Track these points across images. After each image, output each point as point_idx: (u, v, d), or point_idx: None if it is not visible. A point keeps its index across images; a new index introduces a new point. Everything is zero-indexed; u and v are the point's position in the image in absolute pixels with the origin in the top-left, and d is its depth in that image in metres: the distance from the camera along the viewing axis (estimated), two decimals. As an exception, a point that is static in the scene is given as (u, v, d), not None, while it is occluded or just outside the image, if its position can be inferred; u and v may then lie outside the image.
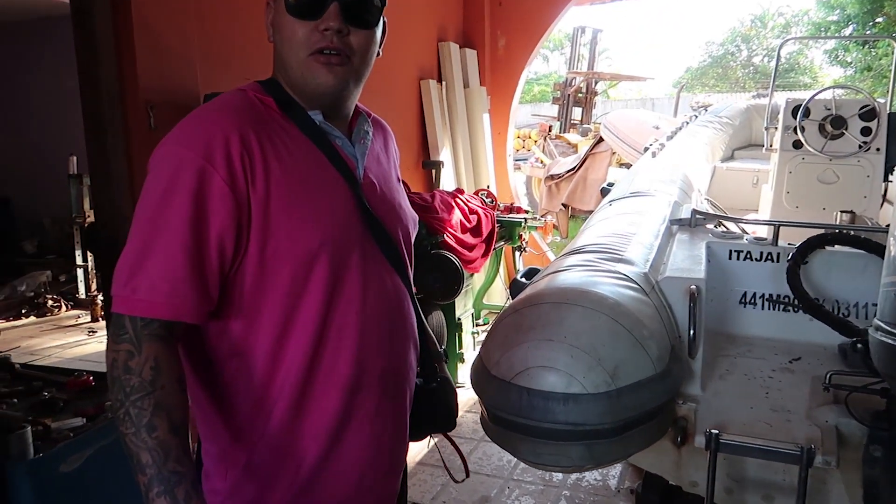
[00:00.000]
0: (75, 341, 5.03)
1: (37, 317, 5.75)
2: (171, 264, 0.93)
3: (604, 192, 3.13)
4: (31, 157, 7.23)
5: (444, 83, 5.15)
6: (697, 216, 2.15)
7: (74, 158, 5.75)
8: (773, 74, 4.00)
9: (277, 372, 1.03)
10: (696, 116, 5.11)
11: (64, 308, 5.93)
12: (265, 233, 0.99)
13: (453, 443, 1.44)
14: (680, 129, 4.68)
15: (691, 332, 1.54)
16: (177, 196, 0.94)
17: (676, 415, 1.53)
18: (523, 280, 1.82)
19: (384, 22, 1.13)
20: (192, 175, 0.94)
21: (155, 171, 0.97)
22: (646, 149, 4.18)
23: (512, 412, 1.37)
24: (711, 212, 3.12)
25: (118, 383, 0.91)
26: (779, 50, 4.25)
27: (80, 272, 5.99)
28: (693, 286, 1.58)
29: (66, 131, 6.65)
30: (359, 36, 1.07)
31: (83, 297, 5.94)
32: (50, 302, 5.90)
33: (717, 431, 1.35)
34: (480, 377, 1.46)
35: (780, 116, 3.45)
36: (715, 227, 2.26)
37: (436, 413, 1.32)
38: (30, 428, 1.28)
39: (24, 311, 5.75)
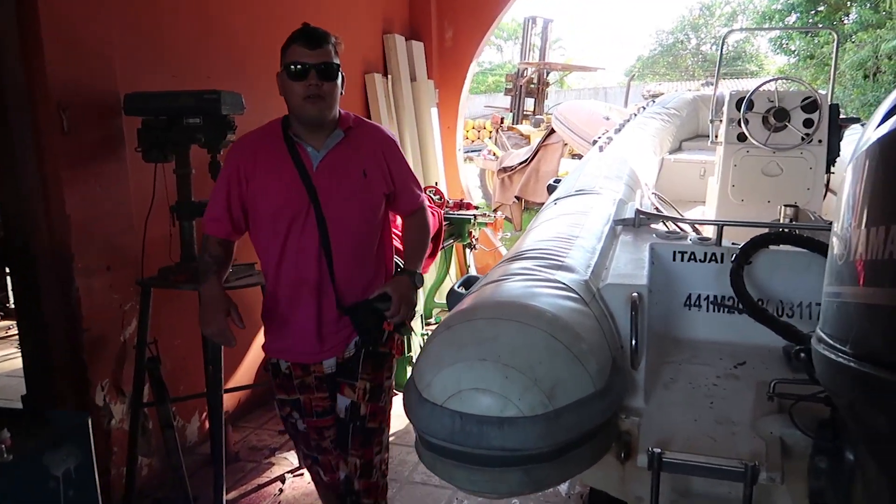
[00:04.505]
0: (4, 355, 4.76)
1: (-34, 329, 5.43)
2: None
3: (550, 189, 3.06)
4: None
5: (389, 77, 5.02)
6: (640, 216, 2.09)
7: None
8: (717, 66, 4.00)
9: (268, 266, 1.97)
10: (644, 108, 5.10)
11: (-3, 318, 5.62)
12: (254, 197, 1.90)
13: None
14: (628, 120, 4.66)
15: (633, 342, 1.48)
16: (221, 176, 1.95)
17: (620, 429, 1.47)
18: (461, 290, 1.73)
19: (342, 75, 1.89)
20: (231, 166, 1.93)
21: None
22: (594, 142, 4.14)
23: (445, 438, 1.29)
24: (658, 206, 3.08)
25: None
26: (722, 42, 4.25)
27: (9, 279, 5.67)
28: (635, 294, 1.51)
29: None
30: (328, 86, 1.83)
31: (13, 306, 5.64)
32: (-23, 313, 5.58)
33: (659, 450, 1.28)
34: (412, 400, 1.37)
35: (725, 109, 3.43)
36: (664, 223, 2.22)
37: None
38: None
39: (-51, 324, 5.43)
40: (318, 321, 1.94)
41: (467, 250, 4.56)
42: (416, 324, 3.73)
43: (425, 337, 3.87)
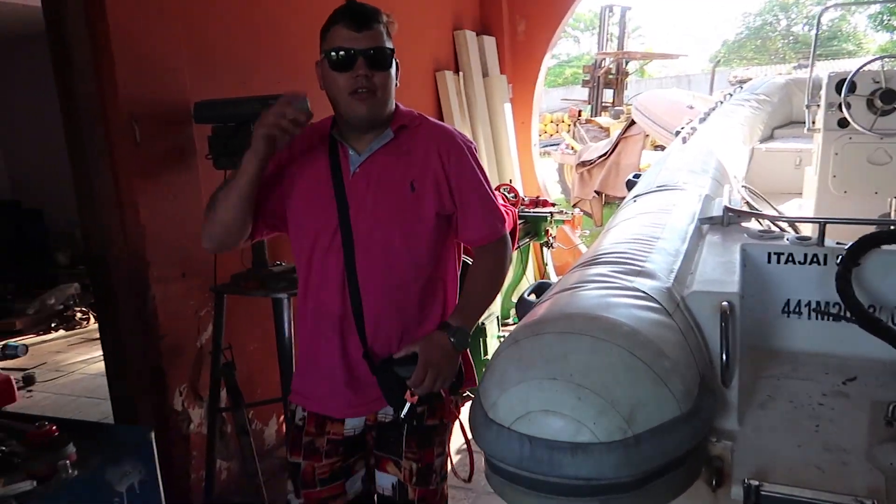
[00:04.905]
0: (100, 355, 4.99)
1: (66, 330, 5.76)
2: None
3: (629, 184, 2.89)
4: (60, 167, 7.25)
5: (461, 73, 4.94)
6: (730, 213, 1.91)
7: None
8: (812, 46, 3.68)
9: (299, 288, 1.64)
10: (731, 95, 4.80)
11: (93, 320, 5.93)
12: (281, 202, 1.58)
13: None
14: (714, 109, 4.38)
15: (724, 357, 1.33)
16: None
17: (710, 454, 1.32)
18: (531, 298, 1.61)
19: (397, 63, 1.53)
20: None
21: None
22: (677, 133, 3.91)
23: (513, 463, 1.19)
24: (749, 201, 2.85)
25: None
26: (818, 19, 3.90)
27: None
28: (725, 302, 1.36)
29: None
30: (379, 77, 1.48)
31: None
32: (79, 314, 5.90)
33: (757, 482, 1.14)
34: (477, 419, 1.27)
35: (823, 92, 3.15)
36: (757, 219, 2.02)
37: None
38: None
39: (53, 325, 5.77)
40: (346, 367, 1.57)
41: (544, 249, 4.43)
42: (493, 325, 3.63)
43: (502, 339, 3.76)
